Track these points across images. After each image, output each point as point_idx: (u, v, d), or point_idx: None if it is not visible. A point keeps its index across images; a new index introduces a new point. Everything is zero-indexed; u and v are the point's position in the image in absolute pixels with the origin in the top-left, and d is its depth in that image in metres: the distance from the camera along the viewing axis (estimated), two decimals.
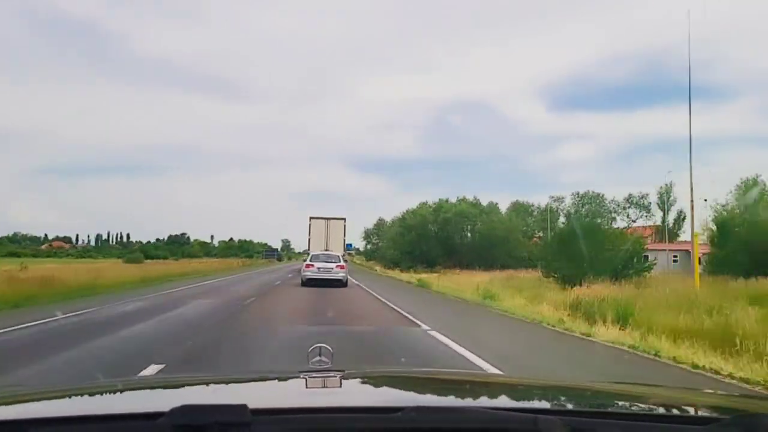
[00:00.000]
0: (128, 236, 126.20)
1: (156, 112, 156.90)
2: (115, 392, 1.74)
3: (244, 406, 1.11)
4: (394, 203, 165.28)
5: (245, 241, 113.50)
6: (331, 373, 1.95)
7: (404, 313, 13.63)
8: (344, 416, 1.26)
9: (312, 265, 23.62)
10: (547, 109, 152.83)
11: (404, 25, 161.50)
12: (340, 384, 1.87)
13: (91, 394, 1.71)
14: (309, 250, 31.37)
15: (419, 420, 1.19)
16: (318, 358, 2.10)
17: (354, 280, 26.67)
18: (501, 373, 6.36)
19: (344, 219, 36.19)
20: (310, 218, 35.66)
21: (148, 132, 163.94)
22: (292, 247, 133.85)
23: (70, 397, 1.68)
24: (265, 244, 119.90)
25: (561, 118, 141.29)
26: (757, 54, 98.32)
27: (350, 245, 48.69)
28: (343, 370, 2.00)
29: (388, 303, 16.75)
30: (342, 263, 24.20)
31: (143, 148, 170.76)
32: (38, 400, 1.65)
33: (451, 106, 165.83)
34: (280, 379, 1.93)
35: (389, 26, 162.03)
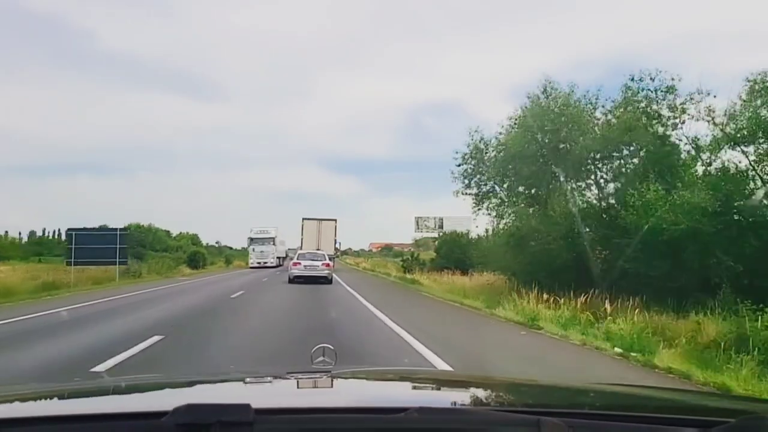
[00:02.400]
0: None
1: (120, 110, 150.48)
2: (118, 391, 1.75)
3: (247, 406, 1.11)
4: (368, 205, 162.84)
5: (143, 227, 58.62)
6: (335, 374, 1.95)
7: None
8: (347, 416, 1.26)
9: (299, 263, 24.43)
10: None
11: (379, 26, 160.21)
12: (344, 384, 1.88)
13: (94, 393, 1.72)
14: (302, 249, 32.76)
15: (423, 420, 1.19)
16: (321, 358, 2.10)
17: None
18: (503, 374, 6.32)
19: (335, 220, 38.92)
20: (303, 219, 38.02)
21: (111, 130, 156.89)
22: None
23: (73, 395, 1.68)
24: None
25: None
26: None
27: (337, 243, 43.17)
28: (347, 371, 2.00)
29: None
30: (327, 261, 25.22)
31: (107, 147, 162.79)
32: (41, 398, 1.65)
33: (426, 107, 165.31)
34: (283, 379, 1.93)
35: (364, 27, 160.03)
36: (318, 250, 30.21)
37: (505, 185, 22.08)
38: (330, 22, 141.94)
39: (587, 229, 18.14)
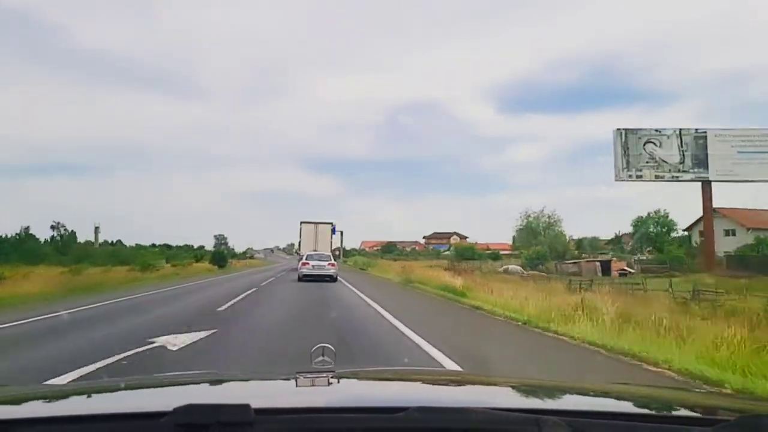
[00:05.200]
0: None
1: (95, 109, 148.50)
2: (117, 391, 1.75)
3: (247, 406, 1.11)
4: (346, 204, 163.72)
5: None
6: (334, 373, 1.95)
7: None
8: (347, 416, 1.26)
9: (307, 263, 26.97)
10: (496, 111, 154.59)
11: (358, 26, 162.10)
12: (344, 384, 1.87)
13: (93, 393, 1.71)
14: (300, 251, 35.62)
15: (422, 420, 1.19)
16: (321, 358, 2.10)
17: None
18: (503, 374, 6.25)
19: (332, 223, 40.59)
20: (301, 222, 39.46)
21: (86, 130, 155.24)
22: (231, 245, 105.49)
23: (72, 395, 1.69)
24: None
25: (511, 119, 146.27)
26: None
27: None
28: (346, 370, 2.00)
29: None
30: (333, 261, 27.93)
31: (83, 147, 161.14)
32: (41, 398, 1.65)
33: (405, 107, 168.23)
34: (282, 379, 1.93)
35: (343, 26, 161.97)
36: (315, 251, 32.17)
37: None
38: (313, 22, 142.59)
39: None
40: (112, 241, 79.28)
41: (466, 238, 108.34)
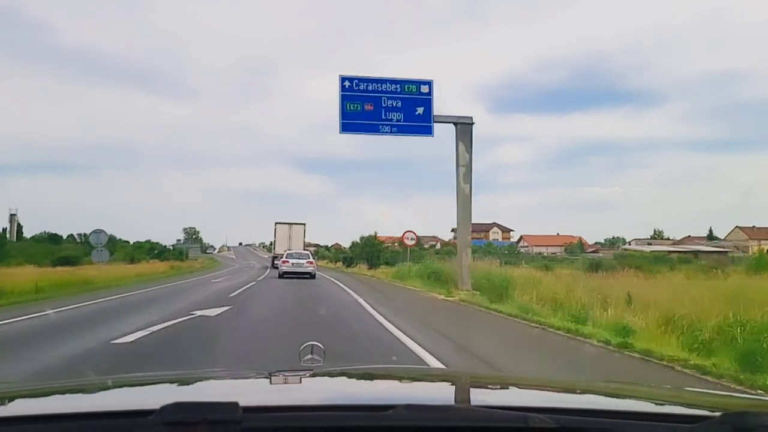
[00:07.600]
0: None
1: (83, 107, 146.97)
2: (105, 389, 1.74)
3: (235, 404, 1.11)
4: (335, 204, 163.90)
5: None
6: (323, 371, 1.95)
7: None
8: (335, 414, 1.26)
9: (287, 261, 28.68)
10: (486, 111, 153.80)
11: (346, 24, 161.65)
12: (332, 382, 1.87)
13: (81, 391, 1.71)
14: (275, 250, 38.21)
15: (410, 418, 1.19)
16: (310, 356, 2.10)
17: None
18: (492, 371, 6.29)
19: (304, 224, 42.72)
20: (276, 223, 41.78)
21: (73, 128, 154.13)
22: (205, 240, 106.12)
23: (60, 393, 1.68)
24: None
25: (500, 119, 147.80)
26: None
27: None
28: (335, 368, 2.01)
29: None
30: (311, 260, 29.88)
31: (69, 145, 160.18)
32: (28, 397, 1.64)
33: None
34: (271, 377, 1.93)
35: (332, 25, 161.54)
36: (289, 249, 33.91)
37: None
38: (302, 21, 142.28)
39: None
40: (50, 234, 71.90)
41: (510, 231, 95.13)
